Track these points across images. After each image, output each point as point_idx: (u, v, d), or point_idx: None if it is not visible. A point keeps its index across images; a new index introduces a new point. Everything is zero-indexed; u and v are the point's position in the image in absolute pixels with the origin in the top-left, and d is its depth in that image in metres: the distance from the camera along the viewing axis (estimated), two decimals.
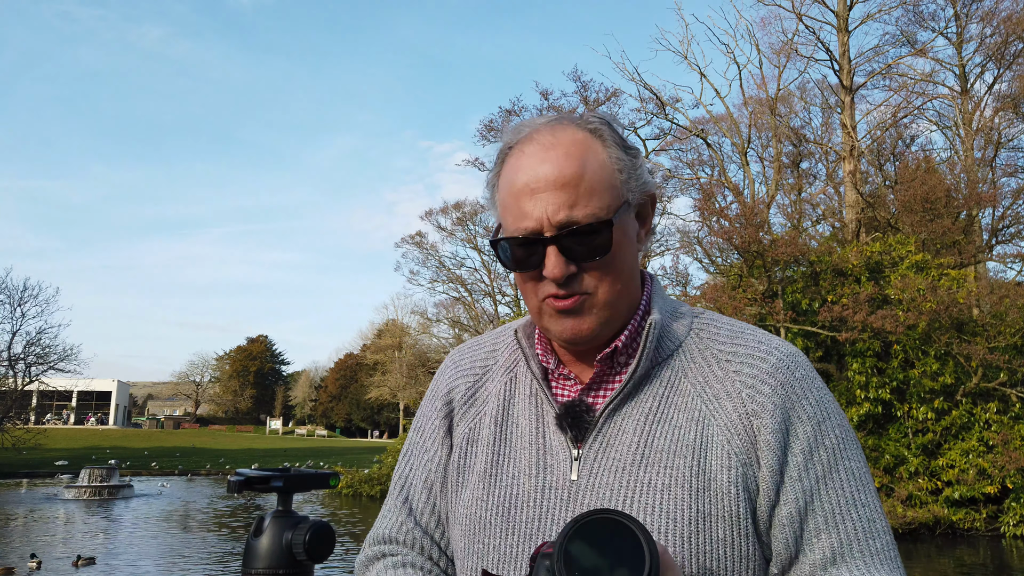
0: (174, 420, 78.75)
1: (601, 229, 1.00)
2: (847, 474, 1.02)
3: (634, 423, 1.04)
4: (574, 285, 1.02)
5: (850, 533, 1.00)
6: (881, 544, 1.02)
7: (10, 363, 34.53)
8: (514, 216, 1.03)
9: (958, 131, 28.81)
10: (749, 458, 1.00)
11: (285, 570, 0.83)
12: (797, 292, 20.11)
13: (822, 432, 1.02)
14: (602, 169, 1.02)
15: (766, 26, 44.93)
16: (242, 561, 0.86)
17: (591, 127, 1.05)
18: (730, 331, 1.10)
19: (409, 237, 43.04)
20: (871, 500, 1.03)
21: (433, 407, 1.22)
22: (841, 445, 1.03)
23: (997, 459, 16.10)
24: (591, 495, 1.01)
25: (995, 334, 17.93)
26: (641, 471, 1.00)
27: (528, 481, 1.07)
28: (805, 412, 1.02)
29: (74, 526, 18.54)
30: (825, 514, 1.00)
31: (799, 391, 1.03)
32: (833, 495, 1.00)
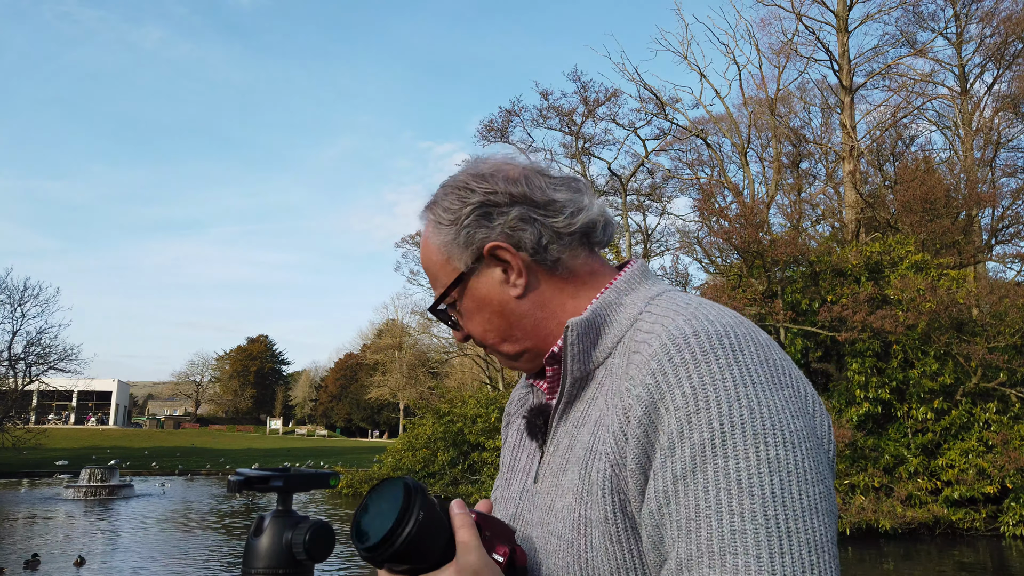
0: (174, 420, 78.75)
1: (447, 305, 1.12)
2: (717, 474, 0.82)
3: (567, 427, 1.03)
4: (475, 341, 1.12)
5: (702, 545, 0.80)
6: (742, 562, 0.77)
7: (10, 363, 34.55)
8: None
9: (958, 131, 28.83)
10: (619, 458, 0.91)
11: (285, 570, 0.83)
12: (797, 292, 20.12)
13: (690, 425, 0.85)
14: (435, 254, 1.11)
15: (766, 26, 44.95)
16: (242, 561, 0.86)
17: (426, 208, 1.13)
18: (660, 314, 0.98)
19: (409, 237, 43.03)
20: (748, 508, 0.80)
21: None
22: (716, 441, 0.83)
23: (997, 459, 16.11)
24: (538, 497, 1.04)
25: (995, 334, 17.94)
26: (563, 475, 1.00)
27: (515, 482, 1.13)
28: (673, 402, 0.86)
29: (74, 526, 18.55)
30: (679, 520, 0.83)
31: (672, 378, 0.87)
32: (692, 498, 0.83)
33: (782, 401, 0.86)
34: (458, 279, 1.08)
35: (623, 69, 49.33)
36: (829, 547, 0.80)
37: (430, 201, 1.12)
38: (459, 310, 1.10)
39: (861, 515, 16.10)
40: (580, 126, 31.27)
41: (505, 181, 1.07)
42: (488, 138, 31.87)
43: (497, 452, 24.50)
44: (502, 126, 31.56)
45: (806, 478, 0.82)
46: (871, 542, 16.13)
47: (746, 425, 0.83)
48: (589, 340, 1.02)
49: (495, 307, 1.08)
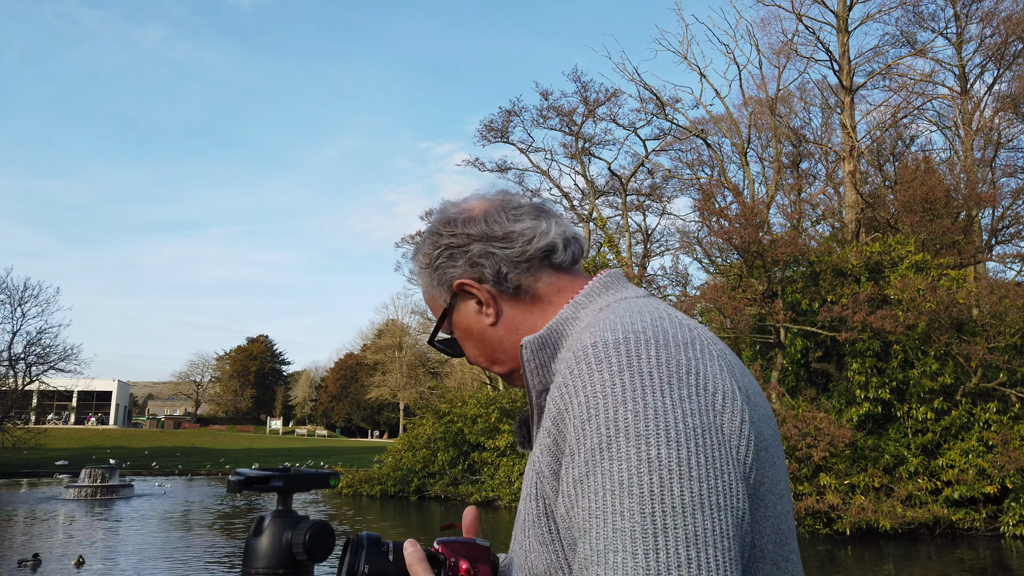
0: (174, 420, 78.74)
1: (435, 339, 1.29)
2: (603, 477, 0.86)
3: (537, 434, 1.09)
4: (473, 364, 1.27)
5: (593, 544, 0.84)
6: (620, 559, 0.81)
7: (10, 363, 34.55)
8: None
9: (958, 131, 28.83)
10: (541, 466, 0.97)
11: (285, 570, 0.83)
12: (797, 292, 20.12)
13: (584, 432, 0.89)
14: (425, 296, 1.26)
15: (766, 26, 44.95)
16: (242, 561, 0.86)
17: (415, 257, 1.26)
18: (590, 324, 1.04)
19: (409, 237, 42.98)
20: (627, 508, 0.83)
21: None
22: (603, 445, 0.87)
23: (997, 459, 16.11)
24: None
25: (995, 334, 17.94)
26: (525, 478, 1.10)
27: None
28: (572, 412, 0.92)
29: (74, 526, 18.55)
30: (578, 522, 0.88)
31: (572, 389, 0.93)
32: (585, 501, 0.87)
33: (673, 401, 0.88)
34: (443, 315, 1.22)
35: (623, 69, 49.41)
36: (716, 541, 0.81)
37: (414, 250, 1.27)
38: (446, 347, 1.29)
39: (861, 515, 16.10)
40: (580, 126, 31.28)
41: (465, 223, 1.17)
42: (488, 138, 31.88)
43: (496, 452, 24.52)
44: (502, 126, 31.57)
45: (691, 474, 0.83)
46: (871, 542, 16.14)
47: (629, 428, 0.86)
48: (546, 354, 1.08)
49: (476, 335, 1.20)
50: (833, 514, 16.47)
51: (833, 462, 16.88)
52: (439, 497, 25.54)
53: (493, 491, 23.83)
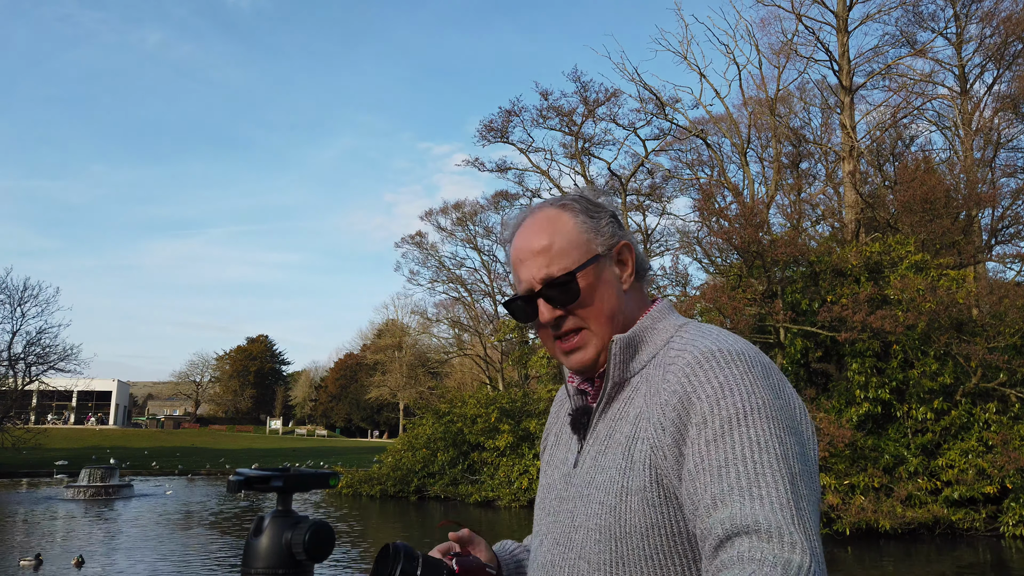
0: (174, 420, 78.73)
1: (571, 278, 1.29)
2: (741, 437, 1.07)
3: (607, 422, 1.28)
4: (567, 324, 1.30)
5: (732, 483, 1.03)
6: (766, 491, 1.01)
7: (10, 363, 34.55)
8: (516, 282, 1.36)
9: (958, 131, 28.84)
10: (657, 441, 1.16)
11: (284, 570, 0.83)
12: (797, 292, 20.12)
13: (719, 406, 1.11)
14: (569, 234, 1.32)
15: (766, 26, 44.92)
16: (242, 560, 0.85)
17: (561, 204, 1.36)
18: (685, 338, 1.27)
19: (409, 237, 43.07)
20: (767, 460, 1.04)
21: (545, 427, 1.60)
22: (740, 415, 1.09)
23: (996, 459, 16.11)
24: (579, 478, 1.28)
25: (994, 334, 17.95)
26: (602, 456, 1.25)
27: (554, 471, 1.38)
28: (704, 391, 1.13)
29: (74, 526, 18.55)
30: (711, 469, 1.06)
31: (701, 376, 1.15)
32: (721, 453, 1.07)
33: (785, 399, 1.15)
34: (595, 257, 1.31)
35: (623, 69, 49.43)
36: (817, 503, 1.07)
37: (556, 200, 1.38)
38: (572, 287, 1.29)
39: (861, 515, 16.10)
40: (580, 126, 31.28)
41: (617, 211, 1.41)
42: (488, 138, 31.89)
43: (496, 452, 24.52)
44: (502, 126, 31.57)
45: (803, 456, 1.09)
46: (871, 542, 16.14)
47: (761, 409, 1.10)
48: (628, 354, 1.29)
49: (612, 289, 1.32)
50: (833, 514, 16.46)
51: (833, 462, 16.88)
52: (439, 497, 25.53)
53: (493, 491, 23.82)
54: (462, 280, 43.31)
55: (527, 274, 1.31)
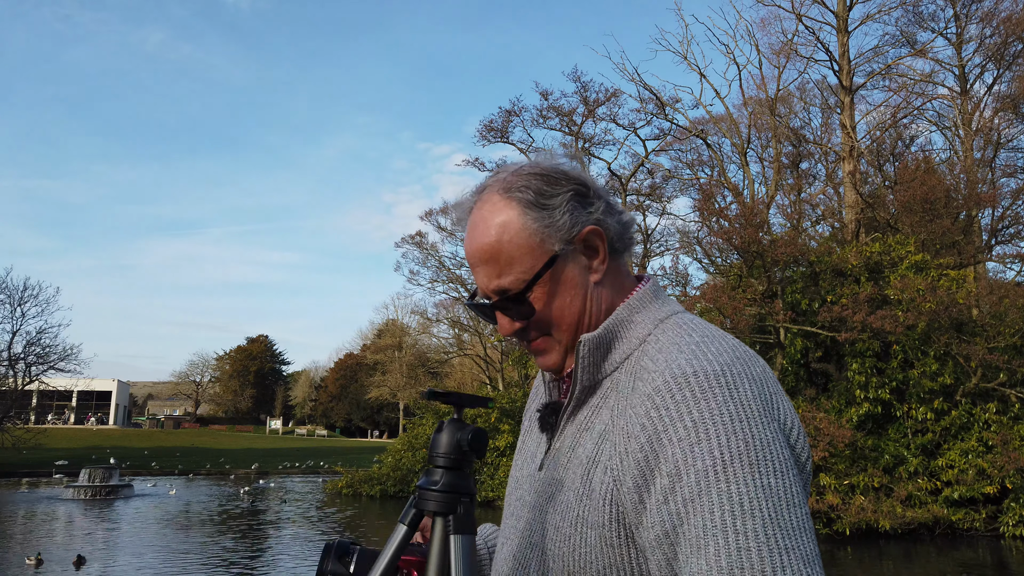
0: (174, 420, 78.72)
1: (522, 296, 1.12)
2: (720, 497, 0.91)
3: (573, 429, 1.14)
4: (528, 334, 1.16)
5: (711, 560, 0.89)
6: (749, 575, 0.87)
7: (10, 363, 34.54)
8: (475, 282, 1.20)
9: (958, 131, 28.83)
10: (620, 476, 1.02)
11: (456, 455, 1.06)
12: (797, 292, 20.12)
13: (693, 454, 0.94)
14: (518, 235, 1.11)
15: (766, 26, 44.96)
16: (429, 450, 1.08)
17: (508, 193, 1.13)
18: (665, 344, 1.08)
19: (409, 237, 43.03)
20: (751, 528, 0.89)
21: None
22: (718, 468, 0.92)
23: (996, 459, 16.11)
24: (542, 485, 1.16)
25: (994, 334, 17.94)
26: (564, 472, 1.12)
27: (520, 471, 1.27)
28: (676, 434, 0.96)
29: (74, 526, 18.55)
30: (691, 538, 0.91)
31: (675, 413, 0.97)
32: (699, 519, 0.91)
33: (772, 433, 0.96)
34: (551, 259, 1.11)
35: (623, 69, 49.43)
36: (818, 561, 0.91)
37: (504, 183, 1.14)
38: (528, 297, 1.12)
39: (861, 515, 16.10)
40: (580, 126, 31.28)
41: (585, 177, 1.16)
42: (488, 138, 31.88)
43: (496, 452, 24.53)
44: (502, 126, 31.56)
45: (794, 502, 0.92)
46: (871, 542, 16.13)
47: (743, 455, 0.93)
48: (599, 354, 1.13)
49: (578, 290, 1.14)
50: (833, 514, 16.46)
51: (833, 462, 16.88)
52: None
53: (493, 491, 23.85)
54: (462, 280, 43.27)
55: (480, 281, 1.15)
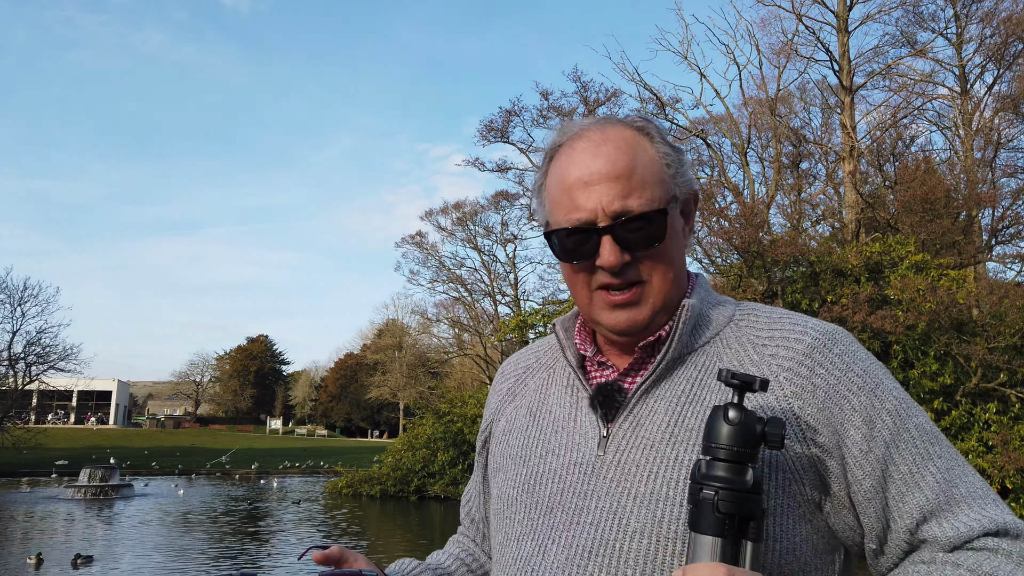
0: (174, 420, 78.70)
1: (655, 218, 1.04)
2: (916, 431, 1.01)
3: (666, 404, 1.06)
4: (628, 274, 1.06)
5: (933, 488, 0.99)
6: (966, 489, 1.00)
7: (10, 363, 34.53)
8: (566, 209, 1.06)
9: (958, 131, 28.82)
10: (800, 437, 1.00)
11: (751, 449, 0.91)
12: (797, 292, 20.11)
13: (879, 399, 1.02)
14: (652, 164, 1.07)
15: (766, 26, 44.95)
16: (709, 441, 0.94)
17: (638, 126, 1.12)
18: (768, 317, 1.11)
19: (409, 237, 43.05)
20: (944, 450, 1.02)
21: (485, 412, 1.35)
22: (902, 407, 1.02)
23: (996, 459, 16.11)
24: (616, 469, 1.04)
25: (995, 334, 17.94)
26: (669, 447, 1.02)
27: (555, 460, 1.11)
28: (854, 384, 1.01)
29: (74, 526, 18.55)
30: (903, 476, 0.99)
31: (841, 366, 1.02)
32: (907, 456, 0.99)
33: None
34: (674, 200, 1.09)
35: (623, 69, 49.27)
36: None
37: (639, 122, 1.13)
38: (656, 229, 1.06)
39: None
40: None
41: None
42: (488, 138, 31.88)
43: None
44: (502, 126, 31.58)
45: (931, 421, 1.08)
46: None
47: (901, 391, 1.07)
48: (693, 324, 1.11)
49: (681, 244, 1.12)
50: None
51: None
52: (439, 497, 25.53)
53: None
54: (462, 280, 43.28)
55: (592, 201, 1.04)
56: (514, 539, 1.10)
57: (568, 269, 1.10)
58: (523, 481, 1.13)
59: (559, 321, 1.21)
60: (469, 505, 1.41)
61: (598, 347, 1.16)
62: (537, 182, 1.16)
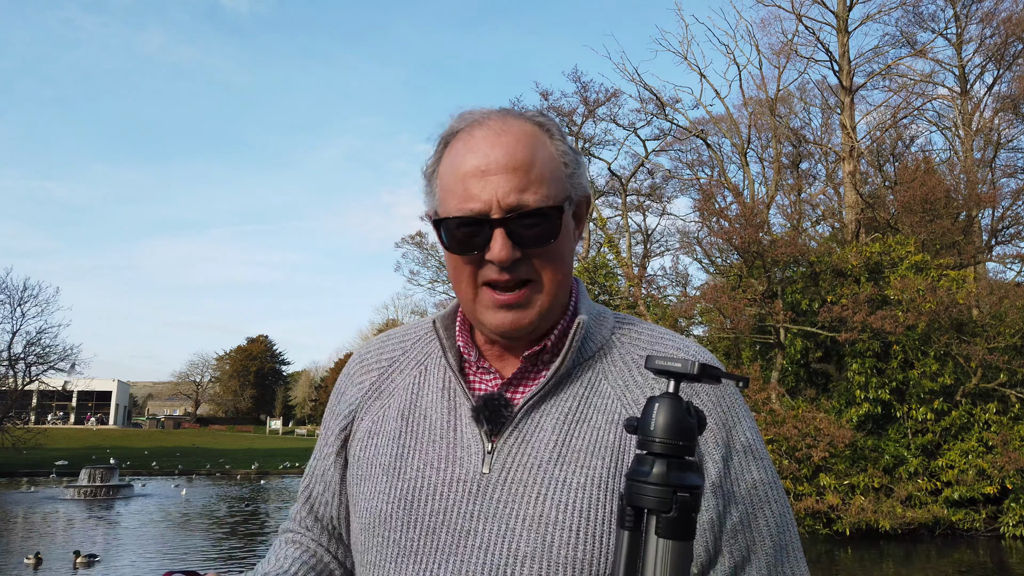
0: (174, 420, 78.69)
1: (551, 215, 1.00)
2: (760, 472, 1.05)
3: (553, 421, 1.03)
4: (518, 271, 1.01)
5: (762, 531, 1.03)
6: (789, 536, 1.06)
7: (10, 363, 34.53)
8: (459, 198, 1.01)
9: (958, 132, 28.82)
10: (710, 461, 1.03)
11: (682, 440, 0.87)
12: (797, 292, 20.11)
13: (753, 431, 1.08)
14: (551, 160, 1.03)
15: (766, 27, 44.98)
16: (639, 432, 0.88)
17: (539, 121, 1.06)
18: (649, 336, 1.11)
19: (409, 237, 42.97)
20: (782, 496, 1.08)
21: (336, 401, 1.22)
22: (755, 446, 1.07)
23: (996, 459, 16.11)
24: (502, 489, 1.00)
25: (994, 335, 17.94)
26: (557, 468, 1.00)
27: (435, 474, 1.05)
28: (738, 414, 1.07)
29: (74, 526, 18.55)
30: (740, 515, 1.02)
31: (714, 397, 1.06)
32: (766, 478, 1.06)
33: None
34: (568, 200, 1.04)
35: (623, 69, 49.42)
36: None
37: (540, 118, 1.08)
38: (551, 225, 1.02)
39: (861, 515, 16.10)
40: (580, 126, 31.26)
41: None
42: None
43: None
44: None
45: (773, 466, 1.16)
46: (871, 542, 16.14)
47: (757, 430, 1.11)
48: (584, 337, 1.08)
49: (571, 247, 1.08)
50: (833, 514, 16.46)
51: (833, 462, 16.88)
52: None
53: None
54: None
55: (487, 192, 0.99)
56: (390, 560, 1.03)
57: (455, 261, 1.04)
58: (399, 496, 1.05)
59: (439, 318, 1.14)
60: (313, 499, 1.22)
61: (479, 350, 1.11)
62: (428, 168, 1.10)
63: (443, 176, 1.05)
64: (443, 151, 1.07)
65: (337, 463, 1.18)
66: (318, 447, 1.24)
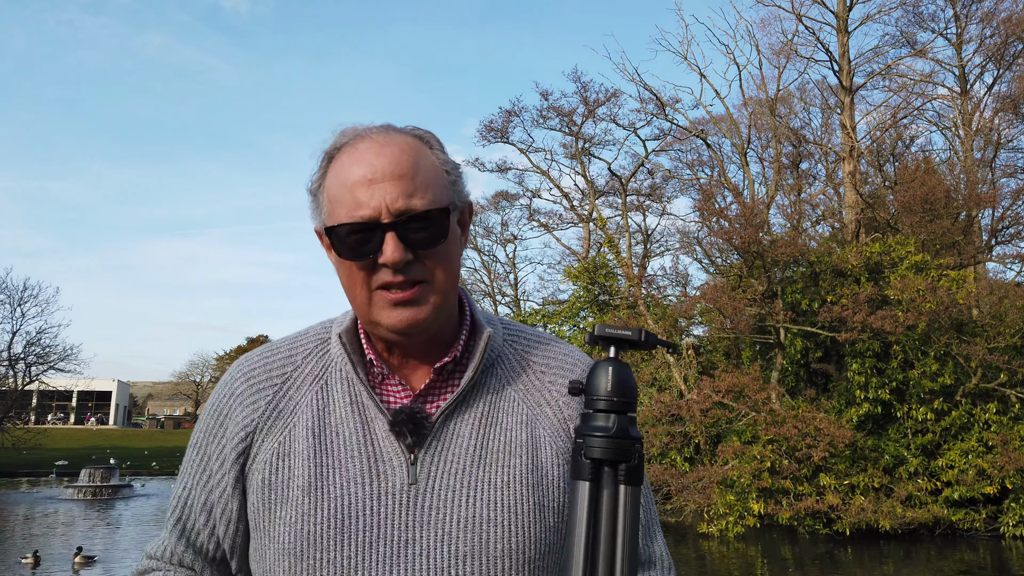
0: (174, 420, 78.69)
1: (438, 217, 1.06)
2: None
3: (468, 427, 1.10)
4: (411, 272, 1.05)
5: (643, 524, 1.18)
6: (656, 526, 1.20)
7: (10, 363, 34.53)
8: (349, 207, 1.05)
9: (958, 132, 28.82)
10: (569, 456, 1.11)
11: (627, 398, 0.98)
12: (797, 292, 20.10)
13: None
14: (433, 168, 1.10)
15: (766, 27, 45.00)
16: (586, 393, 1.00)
17: (418, 134, 1.14)
18: (538, 342, 1.22)
19: None
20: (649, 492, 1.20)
21: (220, 424, 1.16)
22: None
23: (996, 460, 16.10)
24: (431, 497, 1.05)
25: (995, 335, 17.94)
26: (480, 470, 1.07)
27: (360, 490, 1.05)
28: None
29: (74, 526, 18.54)
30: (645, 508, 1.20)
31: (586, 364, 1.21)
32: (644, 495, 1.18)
33: None
34: (452, 205, 1.11)
35: (623, 69, 49.47)
36: None
37: (419, 132, 1.16)
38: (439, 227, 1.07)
39: (861, 515, 16.10)
40: (580, 126, 31.26)
41: None
42: (488, 138, 31.87)
43: None
44: (502, 126, 31.54)
45: None
46: (871, 542, 16.14)
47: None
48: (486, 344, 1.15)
49: (458, 251, 1.14)
50: (833, 514, 16.46)
51: (833, 462, 16.88)
52: None
53: None
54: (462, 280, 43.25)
55: (375, 199, 1.03)
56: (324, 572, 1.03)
57: (348, 268, 1.07)
58: (327, 516, 1.04)
59: (343, 332, 1.14)
60: (194, 532, 1.17)
61: (388, 366, 1.14)
62: (313, 184, 1.13)
63: (330, 189, 1.09)
64: (328, 166, 1.11)
65: (236, 490, 1.13)
66: (195, 475, 1.18)
